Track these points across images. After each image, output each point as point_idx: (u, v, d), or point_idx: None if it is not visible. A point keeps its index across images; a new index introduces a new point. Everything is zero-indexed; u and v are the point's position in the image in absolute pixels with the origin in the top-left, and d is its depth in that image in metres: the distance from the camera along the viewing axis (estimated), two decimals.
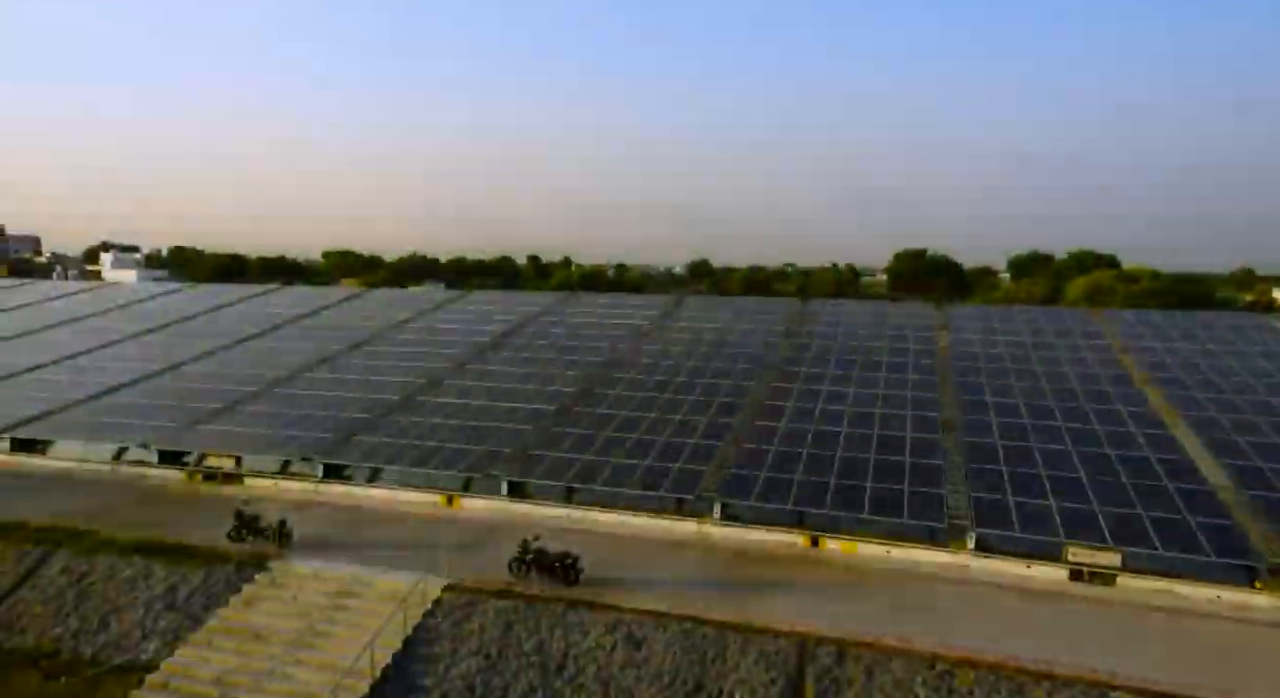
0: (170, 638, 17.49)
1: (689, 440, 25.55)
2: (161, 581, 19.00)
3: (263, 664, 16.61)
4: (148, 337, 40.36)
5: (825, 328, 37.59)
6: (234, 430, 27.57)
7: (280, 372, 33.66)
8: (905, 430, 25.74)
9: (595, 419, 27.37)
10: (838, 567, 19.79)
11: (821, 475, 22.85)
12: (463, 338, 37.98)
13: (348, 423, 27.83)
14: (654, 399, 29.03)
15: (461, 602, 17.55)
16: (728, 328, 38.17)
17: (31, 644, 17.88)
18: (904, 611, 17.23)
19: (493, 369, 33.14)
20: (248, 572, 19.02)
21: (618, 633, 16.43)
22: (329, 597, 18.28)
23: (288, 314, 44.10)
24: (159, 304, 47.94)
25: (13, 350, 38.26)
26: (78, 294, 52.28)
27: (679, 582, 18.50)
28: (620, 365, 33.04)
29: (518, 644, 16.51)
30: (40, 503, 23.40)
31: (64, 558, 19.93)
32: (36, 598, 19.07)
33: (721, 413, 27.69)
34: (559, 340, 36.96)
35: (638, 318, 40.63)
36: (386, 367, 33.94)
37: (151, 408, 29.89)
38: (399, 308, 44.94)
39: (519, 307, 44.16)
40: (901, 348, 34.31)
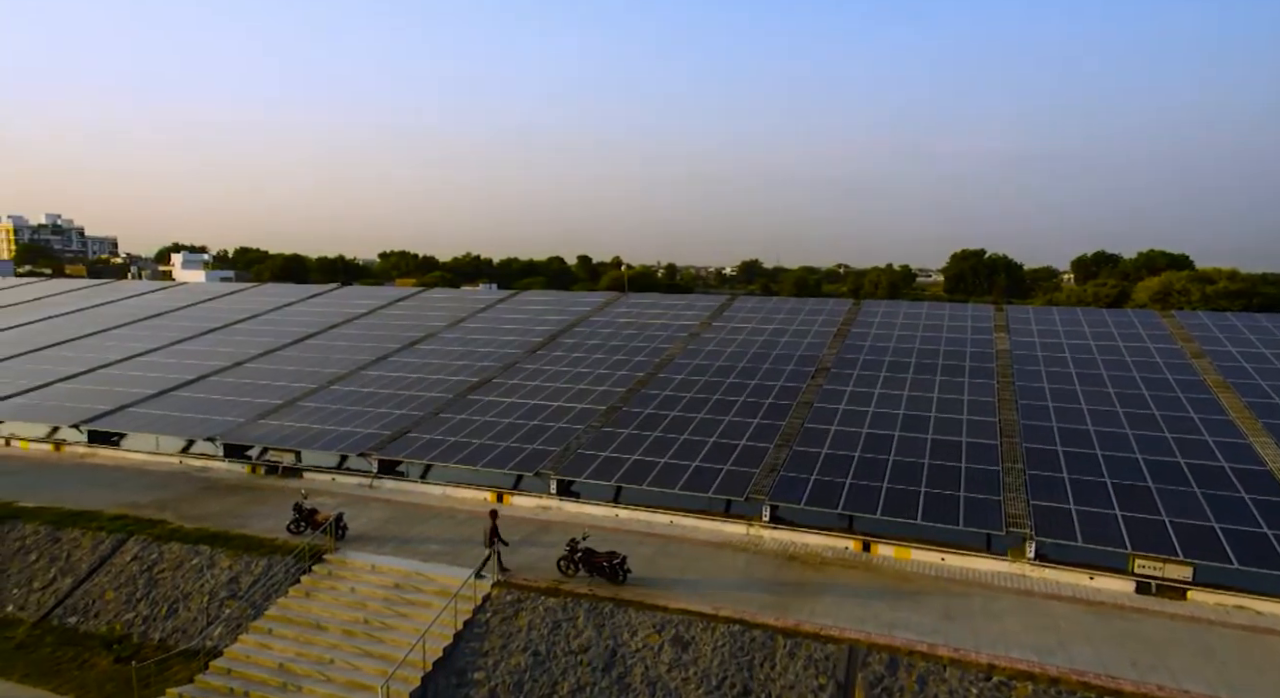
0: (233, 625, 18.12)
1: (738, 442, 25.37)
2: (225, 570, 19.70)
3: (320, 654, 17.08)
4: (214, 335, 41.91)
5: (878, 329, 36.90)
6: (293, 426, 28.41)
7: (338, 369, 34.57)
8: (961, 435, 25.09)
9: (644, 419, 27.39)
10: (889, 573, 19.40)
11: (873, 480, 22.43)
12: (514, 337, 38.43)
13: (402, 420, 28.42)
14: (703, 400, 28.92)
15: (510, 598, 17.75)
16: (778, 329, 37.79)
17: (104, 629, 18.72)
18: (959, 619, 16.79)
19: (543, 368, 33.45)
20: (306, 563, 19.57)
21: (665, 634, 16.40)
22: (383, 589, 18.70)
23: (345, 313, 45.27)
24: (224, 303, 49.72)
25: (91, 347, 40.15)
26: (150, 293, 54.58)
27: (727, 584, 18.37)
28: (669, 366, 33.00)
29: (565, 642, 16.61)
30: (113, 493, 24.51)
31: (135, 546, 20.82)
32: (109, 584, 19.96)
33: (771, 415, 27.42)
34: (608, 340, 37.10)
35: (687, 318, 40.53)
36: (439, 365, 34.56)
37: (217, 403, 31.02)
38: (452, 308, 45.71)
39: (569, 306, 44.47)
40: (958, 350, 33.45)
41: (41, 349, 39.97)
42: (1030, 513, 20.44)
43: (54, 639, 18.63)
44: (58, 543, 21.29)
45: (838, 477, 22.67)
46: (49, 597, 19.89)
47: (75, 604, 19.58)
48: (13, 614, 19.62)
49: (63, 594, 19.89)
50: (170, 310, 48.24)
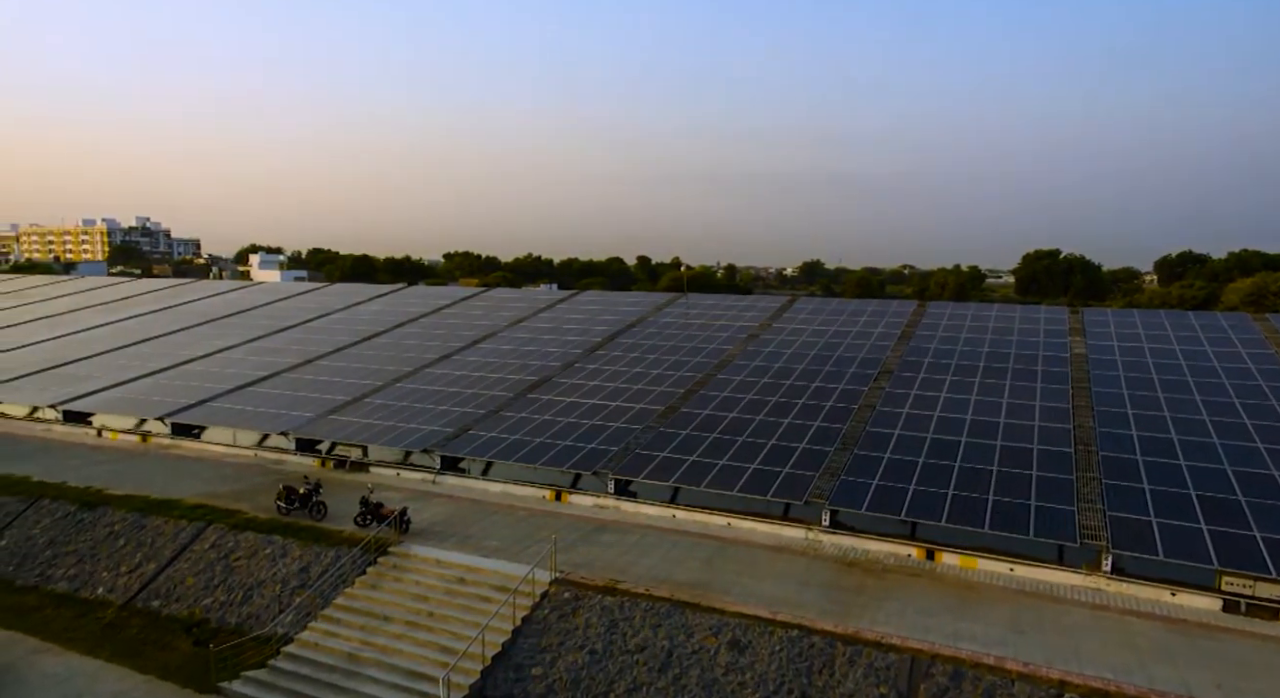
0: (303, 614, 18.76)
1: (798, 445, 25.02)
2: (296, 559, 20.42)
3: (385, 644, 17.55)
4: (287, 333, 43.55)
5: (945, 332, 35.89)
6: (360, 422, 29.28)
7: (403, 367, 35.49)
8: (1032, 442, 24.19)
9: (702, 420, 27.27)
10: (954, 582, 18.82)
11: (938, 486, 21.81)
12: (573, 337, 38.78)
13: (463, 418, 28.99)
14: (762, 402, 28.63)
15: (568, 596, 17.89)
16: (840, 331, 37.14)
17: (184, 613, 19.63)
18: (1028, 633, 16.17)
19: (602, 368, 33.65)
20: (372, 556, 20.14)
21: (722, 636, 16.28)
22: (445, 583, 19.09)
23: (410, 313, 46.45)
24: (297, 302, 51.60)
25: (175, 344, 42.22)
26: (229, 292, 57.08)
27: (785, 588, 18.13)
28: (728, 367, 32.79)
29: (622, 641, 16.66)
30: (194, 484, 25.69)
31: (214, 534, 21.78)
32: (190, 570, 20.93)
33: (832, 418, 26.95)
34: (667, 341, 37.09)
35: (747, 319, 40.21)
36: (500, 364, 35.13)
37: (290, 399, 32.21)
38: (513, 307, 46.42)
39: (628, 307, 44.64)
40: (1029, 353, 32.27)
41: (130, 345, 42.22)
42: (1107, 524, 19.56)
43: (139, 621, 19.63)
44: (143, 530, 22.44)
45: (901, 483, 22.13)
46: (135, 581, 20.97)
47: (158, 589, 20.60)
48: (102, 596, 20.75)
49: (147, 579, 20.94)
50: (247, 309, 50.33)
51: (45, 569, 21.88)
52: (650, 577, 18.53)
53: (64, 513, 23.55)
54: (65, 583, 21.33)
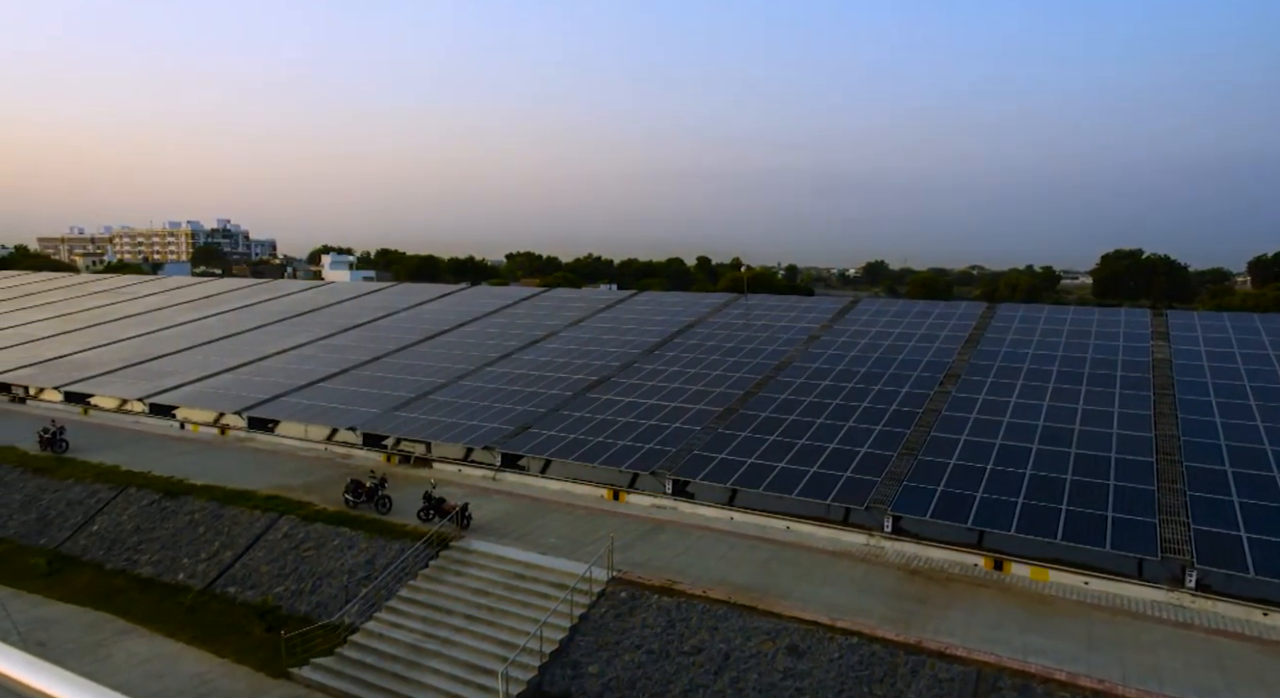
0: (368, 604, 19.32)
1: (859, 449, 24.53)
2: (363, 551, 21.04)
3: (446, 636, 17.92)
4: (356, 331, 44.94)
5: (1016, 335, 34.65)
6: (424, 418, 29.99)
7: (465, 365, 36.20)
8: (1110, 450, 23.14)
9: (761, 422, 27.00)
10: (1024, 594, 18.15)
11: (1007, 494, 21.07)
12: (632, 337, 38.89)
13: (524, 416, 29.39)
14: (823, 405, 28.17)
15: (625, 595, 17.94)
16: (905, 333, 36.26)
17: (258, 600, 20.44)
18: (1103, 649, 15.47)
19: (660, 369, 33.65)
20: (434, 550, 20.59)
21: (780, 641, 16.08)
22: (504, 578, 19.39)
23: (473, 312, 47.35)
24: (366, 301, 53.20)
25: (252, 340, 44.05)
26: (302, 292, 59.25)
27: (845, 594, 17.79)
28: (788, 369, 32.38)
29: (679, 642, 16.61)
30: (268, 475, 26.74)
31: (286, 525, 22.61)
32: (263, 559, 21.78)
33: (895, 422, 26.33)
34: (726, 342, 36.85)
35: (808, 320, 39.63)
36: (560, 363, 35.48)
37: (358, 395, 33.22)
38: (573, 307, 46.84)
39: (687, 307, 44.53)
40: (1107, 358, 30.88)
41: (211, 342, 44.24)
42: (1191, 539, 18.56)
43: (216, 606, 20.54)
44: (221, 519, 23.46)
45: (967, 490, 21.47)
46: (213, 568, 21.95)
47: (235, 575, 21.51)
48: (183, 581, 21.79)
49: (224, 566, 21.89)
50: (318, 308, 52.13)
51: (132, 554, 23.09)
52: (707, 578, 18.44)
53: (149, 501, 24.81)
54: (150, 568, 22.47)
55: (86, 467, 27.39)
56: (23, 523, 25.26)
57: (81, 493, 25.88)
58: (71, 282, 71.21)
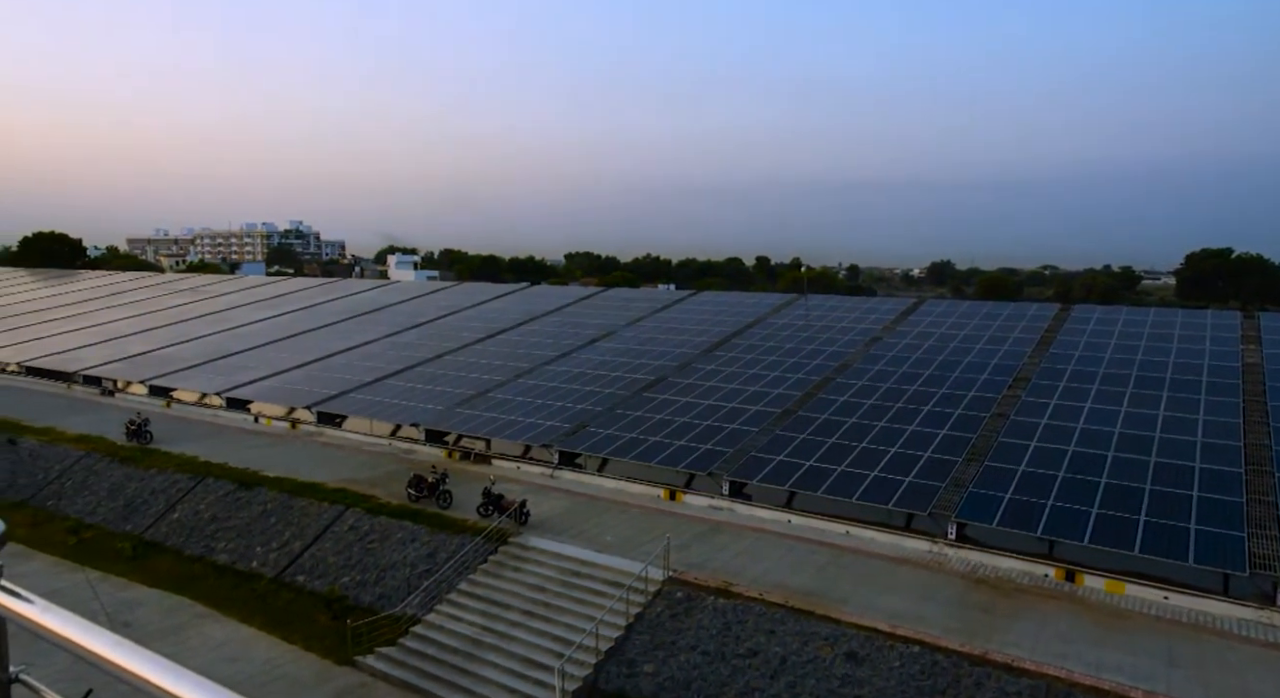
0: (429, 596, 19.75)
1: (922, 454, 23.90)
2: (425, 544, 21.53)
3: (503, 631, 18.19)
4: (419, 329, 46.05)
5: (1091, 338, 33.24)
6: (485, 415, 30.51)
7: (525, 363, 36.69)
8: (1194, 460, 21.98)
9: (821, 425, 26.57)
10: (1098, 607, 17.38)
11: (1080, 503, 20.22)
12: (690, 337, 38.78)
13: (581, 415, 29.61)
14: (885, 407, 27.55)
15: (681, 595, 17.89)
16: (971, 335, 35.18)
17: (325, 589, 21.12)
18: (1185, 667, 14.70)
19: (718, 369, 33.46)
20: (493, 545, 20.93)
21: (839, 647, 15.79)
22: (561, 575, 19.56)
23: (533, 311, 47.97)
24: (429, 300, 54.47)
25: (321, 338, 45.59)
26: (368, 291, 61.04)
27: (906, 601, 17.35)
28: (849, 370, 31.79)
29: (735, 644, 16.48)
30: (335, 469, 27.61)
31: (352, 518, 23.31)
32: (330, 550, 22.50)
33: (961, 426, 25.57)
34: (785, 343, 36.41)
35: (870, 321, 38.84)
36: (618, 362, 35.62)
37: (421, 392, 34.02)
38: (632, 307, 46.99)
39: (746, 307, 44.18)
40: (1192, 363, 29.34)
41: (283, 339, 45.96)
42: None
43: (287, 595, 21.31)
44: (291, 510, 24.34)
45: (1037, 498, 20.69)
46: (283, 557, 22.78)
47: (303, 565, 22.28)
48: (256, 569, 22.68)
49: (294, 555, 22.69)
50: (384, 306, 53.61)
51: (209, 542, 24.15)
52: (764, 581, 18.24)
53: (225, 491, 25.91)
54: (225, 555, 23.46)
55: (168, 457, 28.78)
56: (111, 509, 26.69)
57: (164, 482, 27.20)
58: (156, 281, 74.97)
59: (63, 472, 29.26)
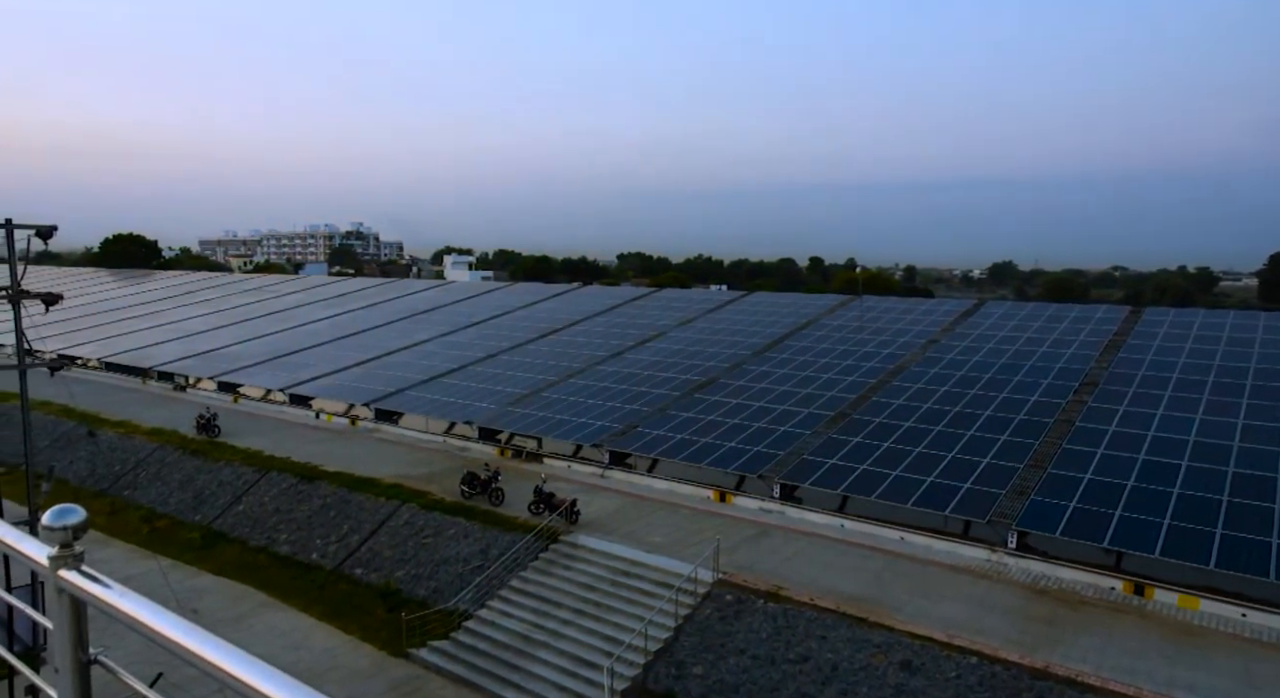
0: (481, 592, 20.04)
1: (981, 459, 23.24)
2: (477, 541, 21.87)
3: (553, 628, 18.34)
4: (474, 329, 46.81)
5: (1164, 342, 31.84)
6: (536, 414, 30.83)
7: (576, 363, 36.95)
8: (1276, 471, 20.85)
9: (875, 428, 26.07)
10: (1169, 623, 16.63)
11: (1151, 514, 19.38)
12: (741, 338, 38.51)
13: (632, 415, 29.67)
14: (942, 412, 26.88)
15: (731, 598, 17.77)
16: (1034, 338, 34.07)
17: (381, 582, 21.62)
18: (1266, 688, 13.96)
19: (770, 371, 33.14)
20: (544, 543, 21.12)
21: (892, 655, 15.46)
22: (610, 575, 19.63)
23: (585, 311, 48.28)
24: (483, 300, 55.31)
25: (379, 336, 46.73)
26: (425, 291, 62.30)
27: (963, 610, 16.89)
28: (904, 373, 31.12)
29: (785, 649, 16.29)
30: (391, 465, 28.25)
31: (407, 513, 23.82)
32: (386, 543, 23.03)
33: (1022, 432, 24.77)
34: (839, 345, 35.85)
35: (927, 323, 37.95)
36: (669, 363, 35.59)
37: (474, 391, 34.57)
38: (683, 308, 46.89)
39: (799, 309, 43.65)
40: (1274, 368, 27.85)
41: (343, 338, 47.26)
42: None
43: (344, 586, 21.90)
44: (349, 504, 25.00)
45: (1104, 507, 19.91)
46: (341, 550, 23.42)
47: (360, 557, 22.86)
48: (316, 561, 23.36)
49: (352, 548, 23.31)
50: (440, 306, 54.66)
51: (272, 533, 24.98)
52: (815, 586, 17.98)
53: (288, 484, 26.77)
54: (287, 547, 24.22)
55: (235, 451, 29.88)
56: (181, 500, 27.84)
57: (230, 475, 28.25)
58: (225, 281, 77.92)
59: (138, 463, 30.65)
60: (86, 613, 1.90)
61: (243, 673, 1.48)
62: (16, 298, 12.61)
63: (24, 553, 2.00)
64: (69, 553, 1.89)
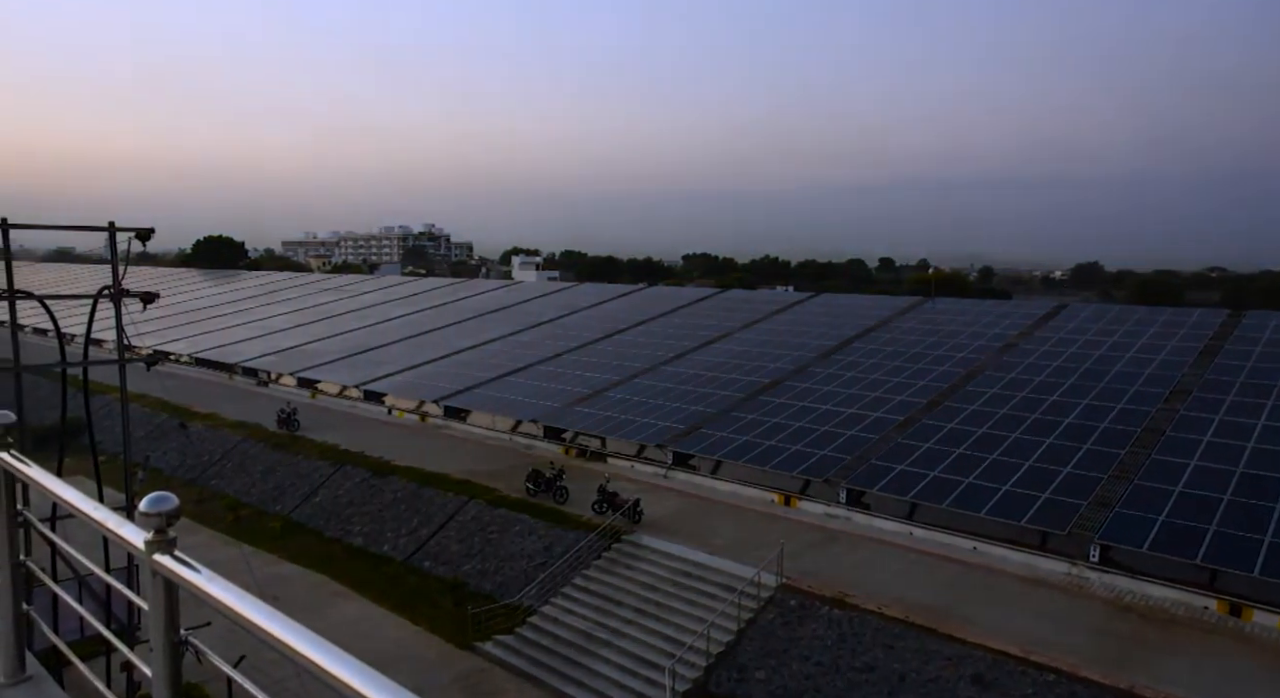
0: (545, 589, 20.30)
1: (1061, 469, 22.26)
2: (541, 538, 22.16)
3: (616, 627, 18.43)
4: (540, 328, 47.47)
5: (1267, 347, 29.84)
6: (601, 414, 31.03)
7: (641, 363, 37.04)
8: None
9: (947, 434, 25.28)
10: (1269, 647, 15.59)
11: (1251, 531, 18.20)
12: (808, 339, 37.91)
13: (695, 416, 29.55)
14: (1019, 418, 25.87)
15: (795, 603, 17.51)
16: (1121, 342, 32.43)
17: (450, 576, 22.13)
18: None
19: (837, 374, 32.53)
20: (607, 542, 21.24)
21: (963, 669, 14.96)
22: (673, 575, 19.60)
23: (650, 311, 48.36)
24: (550, 300, 56.02)
25: (449, 335, 47.87)
26: (493, 291, 63.53)
27: (1040, 625, 16.20)
28: (979, 378, 30.07)
29: (850, 657, 15.95)
30: (459, 461, 28.89)
31: (474, 508, 24.32)
32: (454, 538, 23.57)
33: (1106, 441, 23.62)
34: (910, 348, 34.91)
35: (1003, 326, 36.59)
36: (734, 364, 35.32)
37: (540, 389, 35.04)
38: (748, 308, 46.48)
39: (868, 310, 42.71)
40: None
41: (415, 336, 48.61)
42: None
43: (414, 579, 22.50)
44: (419, 499, 25.68)
45: (1198, 522, 18.80)
46: (411, 543, 24.08)
47: (429, 551, 23.45)
48: (387, 553, 24.08)
49: (421, 541, 23.94)
50: (508, 306, 55.64)
51: (346, 525, 25.87)
52: (883, 594, 17.55)
53: (361, 479, 27.68)
54: (360, 538, 25.05)
55: (313, 445, 31.08)
56: (263, 491, 29.12)
57: (308, 468, 29.39)
58: (306, 281, 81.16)
59: (224, 454, 32.20)
60: (178, 595, 1.99)
61: (322, 659, 1.53)
62: (118, 297, 13.41)
63: (123, 537, 2.11)
64: (163, 538, 1.98)
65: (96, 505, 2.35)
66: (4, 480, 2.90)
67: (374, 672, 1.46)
